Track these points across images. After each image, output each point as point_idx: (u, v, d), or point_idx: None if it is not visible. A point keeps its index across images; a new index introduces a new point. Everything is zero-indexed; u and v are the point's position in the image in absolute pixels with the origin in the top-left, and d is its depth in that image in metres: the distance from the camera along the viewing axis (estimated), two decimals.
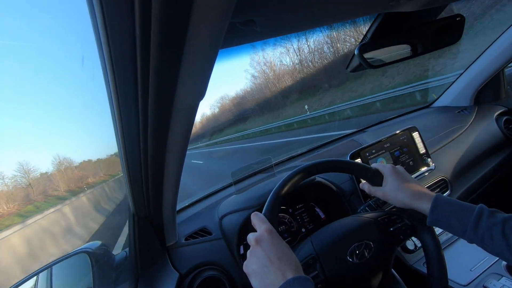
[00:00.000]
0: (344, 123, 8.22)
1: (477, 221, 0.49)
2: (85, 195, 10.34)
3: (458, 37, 0.59)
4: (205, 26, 0.25)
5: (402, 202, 0.59)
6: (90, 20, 0.25)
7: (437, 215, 0.53)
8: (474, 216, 0.50)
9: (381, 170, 0.64)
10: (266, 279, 0.42)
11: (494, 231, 0.48)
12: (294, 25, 0.40)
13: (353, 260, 0.55)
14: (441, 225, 0.54)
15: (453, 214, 0.52)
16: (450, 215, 0.52)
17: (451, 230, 0.53)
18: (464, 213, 0.51)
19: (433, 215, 0.54)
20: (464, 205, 0.53)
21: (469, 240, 0.51)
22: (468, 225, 0.50)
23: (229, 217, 0.86)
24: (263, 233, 0.47)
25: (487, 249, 0.49)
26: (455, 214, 0.52)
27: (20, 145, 79.14)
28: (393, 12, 0.49)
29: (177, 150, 0.46)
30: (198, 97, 0.35)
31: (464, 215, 0.51)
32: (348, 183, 0.97)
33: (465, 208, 0.52)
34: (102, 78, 0.32)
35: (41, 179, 34.31)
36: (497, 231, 0.47)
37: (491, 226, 0.48)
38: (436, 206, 0.54)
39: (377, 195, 0.64)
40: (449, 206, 0.53)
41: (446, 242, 0.90)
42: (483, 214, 0.50)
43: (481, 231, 0.49)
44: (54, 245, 6.54)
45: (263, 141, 11.07)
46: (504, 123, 1.26)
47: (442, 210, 0.53)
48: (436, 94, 1.53)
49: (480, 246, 0.50)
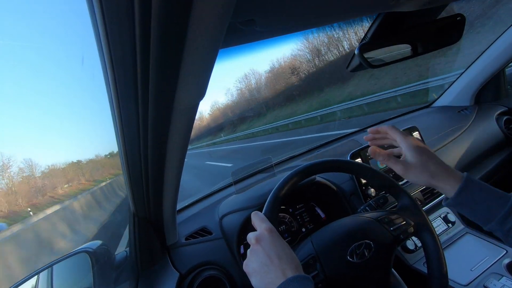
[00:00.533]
0: (353, 121, 8.11)
1: (509, 213, 0.45)
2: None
3: (459, 37, 0.58)
4: (205, 26, 0.25)
5: (423, 180, 0.53)
6: (90, 20, 0.25)
7: (464, 198, 0.48)
8: (508, 207, 0.45)
9: (398, 141, 0.57)
10: (266, 278, 0.42)
11: None
12: (294, 25, 0.40)
13: (353, 259, 0.55)
14: (463, 208, 0.49)
15: (483, 200, 0.47)
16: (479, 200, 0.47)
17: (472, 216, 0.49)
18: (497, 201, 0.47)
19: (459, 197, 0.48)
20: (497, 192, 0.48)
21: (490, 229, 0.47)
22: (497, 216, 0.45)
23: (229, 217, 0.86)
24: (263, 232, 0.47)
25: (509, 243, 0.46)
26: (486, 200, 0.47)
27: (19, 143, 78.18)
28: (393, 12, 0.49)
29: (177, 150, 0.46)
30: (198, 97, 0.35)
31: (496, 203, 0.46)
32: (348, 183, 0.97)
33: (498, 196, 0.47)
34: (102, 78, 0.32)
35: None
36: None
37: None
38: (466, 187, 0.48)
39: (395, 169, 0.56)
40: (480, 189, 0.48)
41: (446, 242, 0.90)
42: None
43: (510, 224, 0.45)
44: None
45: (266, 141, 11.06)
46: (505, 123, 1.26)
47: (471, 194, 0.48)
48: (437, 94, 1.53)
49: (502, 238, 0.47)
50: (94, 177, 28.48)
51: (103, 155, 34.84)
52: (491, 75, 1.26)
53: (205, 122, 35.82)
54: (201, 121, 35.57)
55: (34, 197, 23.60)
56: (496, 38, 1.17)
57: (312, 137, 7.78)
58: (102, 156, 34.38)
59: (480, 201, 0.48)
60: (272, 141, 10.14)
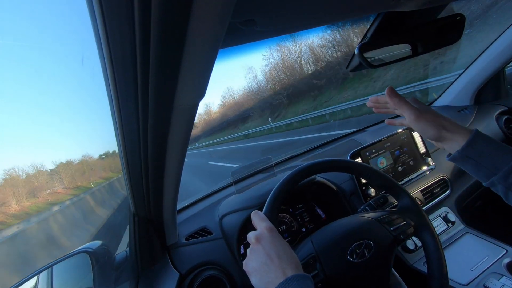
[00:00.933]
0: (355, 120, 8.07)
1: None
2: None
3: (458, 36, 0.58)
4: (205, 26, 0.25)
5: (434, 129, 0.51)
6: (90, 20, 0.25)
7: (470, 151, 0.47)
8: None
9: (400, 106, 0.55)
10: (266, 277, 0.42)
11: None
12: (294, 25, 0.40)
13: (353, 259, 0.55)
14: (467, 163, 0.48)
15: (489, 154, 0.47)
16: (486, 154, 0.47)
17: (476, 171, 0.48)
18: (503, 156, 0.46)
19: (466, 150, 0.48)
20: (505, 147, 0.47)
21: (491, 184, 0.47)
22: (502, 170, 0.45)
23: (229, 216, 0.86)
24: (263, 231, 0.47)
25: (509, 200, 0.45)
26: (492, 154, 0.46)
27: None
28: (393, 11, 0.49)
29: (177, 150, 0.46)
30: (198, 97, 0.35)
31: (502, 158, 0.46)
32: (348, 183, 0.97)
33: (506, 151, 0.46)
34: (102, 78, 0.32)
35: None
36: None
37: None
38: (474, 140, 0.48)
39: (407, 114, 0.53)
40: (488, 144, 0.47)
41: (446, 242, 0.90)
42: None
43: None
44: None
45: (266, 141, 11.05)
46: (505, 122, 1.26)
47: (479, 147, 0.47)
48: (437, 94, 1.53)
49: (502, 195, 0.46)
50: (77, 183, 23.69)
51: (95, 156, 30.70)
52: (491, 74, 1.26)
53: (205, 122, 35.71)
54: (200, 120, 35.48)
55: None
56: (496, 38, 1.17)
57: (312, 137, 7.78)
58: (94, 156, 30.04)
59: (486, 155, 0.47)
60: (272, 141, 10.13)
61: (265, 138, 12.26)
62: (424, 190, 1.01)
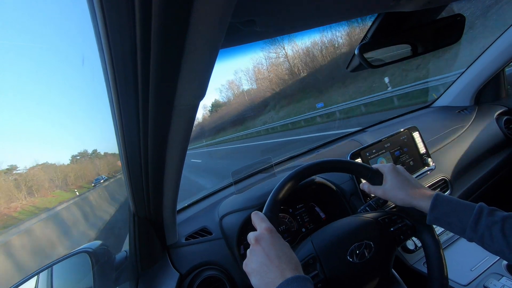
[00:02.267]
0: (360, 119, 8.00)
1: (477, 220, 0.49)
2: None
3: (459, 37, 0.59)
4: (205, 26, 0.25)
5: (402, 200, 0.58)
6: (91, 20, 0.25)
7: (437, 214, 0.53)
8: (473, 214, 0.50)
9: (381, 170, 0.64)
10: (265, 278, 0.42)
11: (493, 230, 0.47)
12: (294, 25, 0.40)
13: (353, 260, 0.55)
14: (441, 223, 0.53)
15: (452, 212, 0.52)
16: (449, 213, 0.52)
17: (451, 229, 0.53)
18: (464, 211, 0.51)
19: (433, 213, 0.53)
20: (463, 203, 0.52)
21: (469, 239, 0.51)
22: (468, 224, 0.50)
23: (229, 217, 0.86)
24: (263, 232, 0.47)
25: (487, 248, 0.49)
26: (455, 212, 0.52)
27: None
28: (393, 12, 0.49)
29: (177, 149, 0.46)
30: (199, 97, 0.35)
31: (463, 213, 0.51)
32: (348, 183, 0.97)
33: (465, 206, 0.52)
34: (102, 78, 0.32)
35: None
36: (497, 229, 0.47)
37: (490, 225, 0.48)
38: (436, 204, 0.54)
39: (377, 194, 0.63)
40: (448, 204, 0.53)
41: (446, 242, 0.90)
42: (483, 212, 0.49)
43: (481, 230, 0.48)
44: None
45: (266, 140, 11.03)
46: (505, 123, 1.26)
47: (442, 209, 0.53)
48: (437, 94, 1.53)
49: (480, 245, 0.50)
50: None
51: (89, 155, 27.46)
52: (491, 75, 1.26)
53: (205, 121, 35.58)
54: (201, 120, 35.34)
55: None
56: (496, 38, 1.17)
57: (313, 136, 7.77)
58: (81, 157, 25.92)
59: (451, 214, 0.52)
60: (272, 141, 10.13)
61: (264, 138, 12.25)
62: None
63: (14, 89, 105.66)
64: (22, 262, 5.85)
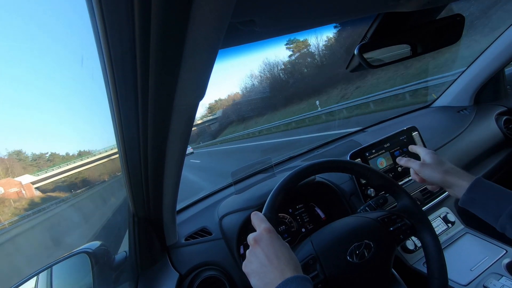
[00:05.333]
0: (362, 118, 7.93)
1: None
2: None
3: (458, 37, 0.59)
4: (205, 26, 0.25)
5: (440, 175, 0.58)
6: (90, 20, 0.25)
7: (475, 195, 0.52)
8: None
9: (417, 152, 0.66)
10: (265, 278, 0.42)
11: None
12: (294, 25, 0.40)
13: (353, 260, 0.55)
14: (474, 206, 0.52)
15: (492, 196, 0.51)
16: (489, 196, 0.51)
17: (483, 213, 0.52)
18: (505, 198, 0.50)
19: (470, 194, 0.52)
20: (505, 190, 0.51)
21: (501, 227, 0.50)
22: (506, 210, 0.48)
23: (229, 217, 0.86)
24: (262, 232, 0.47)
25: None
26: (495, 196, 0.51)
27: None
28: (393, 12, 0.49)
29: (177, 150, 0.46)
30: (198, 97, 0.35)
31: (503, 200, 0.50)
32: (348, 183, 0.97)
33: (507, 193, 0.51)
34: (101, 78, 0.32)
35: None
36: None
37: None
38: (476, 185, 0.52)
39: (413, 167, 0.63)
40: (490, 188, 0.52)
41: (446, 242, 0.90)
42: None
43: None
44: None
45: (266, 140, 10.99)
46: (504, 123, 1.26)
47: (481, 191, 0.52)
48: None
49: (509, 235, 0.49)
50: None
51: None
52: (490, 75, 1.26)
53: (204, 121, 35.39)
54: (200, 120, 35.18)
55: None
56: (496, 38, 1.18)
57: (313, 136, 7.75)
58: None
59: (491, 197, 0.51)
60: (272, 141, 10.10)
61: (263, 138, 12.22)
62: (423, 191, 1.00)
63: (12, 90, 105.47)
64: None
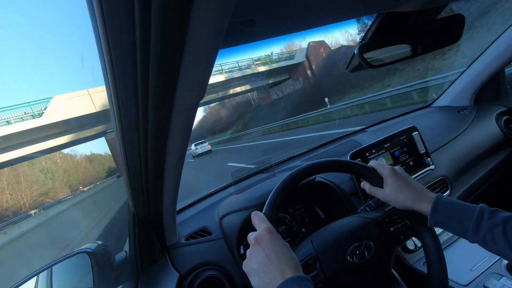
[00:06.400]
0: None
1: (478, 222, 0.49)
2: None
3: (458, 36, 0.59)
4: (205, 26, 0.25)
5: (402, 204, 0.58)
6: (90, 20, 0.25)
7: (438, 217, 0.53)
8: (475, 217, 0.49)
9: (380, 172, 0.63)
10: (265, 278, 0.42)
11: (495, 231, 0.47)
12: (294, 25, 0.40)
13: (353, 260, 0.55)
14: (442, 226, 0.53)
15: (453, 215, 0.52)
16: (451, 216, 0.52)
17: (452, 231, 0.53)
18: (465, 214, 0.51)
19: (434, 217, 0.53)
20: (464, 205, 0.52)
21: (471, 240, 0.51)
22: (469, 227, 0.49)
23: (229, 217, 0.86)
24: (262, 232, 0.47)
25: (489, 249, 0.49)
26: (456, 215, 0.52)
27: None
28: (393, 11, 0.49)
29: (177, 149, 0.46)
30: (198, 96, 0.35)
31: (464, 216, 0.51)
32: (348, 183, 0.96)
33: (466, 208, 0.52)
34: (102, 78, 0.32)
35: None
36: (498, 231, 0.47)
37: (492, 226, 0.48)
38: (436, 208, 0.53)
39: (378, 196, 0.63)
40: (449, 207, 0.53)
41: (446, 242, 0.90)
42: (484, 214, 0.49)
43: (483, 232, 0.48)
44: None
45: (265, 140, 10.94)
46: (504, 122, 1.26)
47: (442, 212, 0.53)
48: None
49: (482, 247, 0.50)
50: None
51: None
52: (490, 75, 1.26)
53: (205, 121, 35.36)
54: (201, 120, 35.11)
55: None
56: (496, 38, 1.18)
57: (313, 136, 7.74)
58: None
59: (452, 217, 0.52)
60: (272, 141, 10.08)
61: (264, 138, 12.18)
62: None
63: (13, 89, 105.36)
64: None
